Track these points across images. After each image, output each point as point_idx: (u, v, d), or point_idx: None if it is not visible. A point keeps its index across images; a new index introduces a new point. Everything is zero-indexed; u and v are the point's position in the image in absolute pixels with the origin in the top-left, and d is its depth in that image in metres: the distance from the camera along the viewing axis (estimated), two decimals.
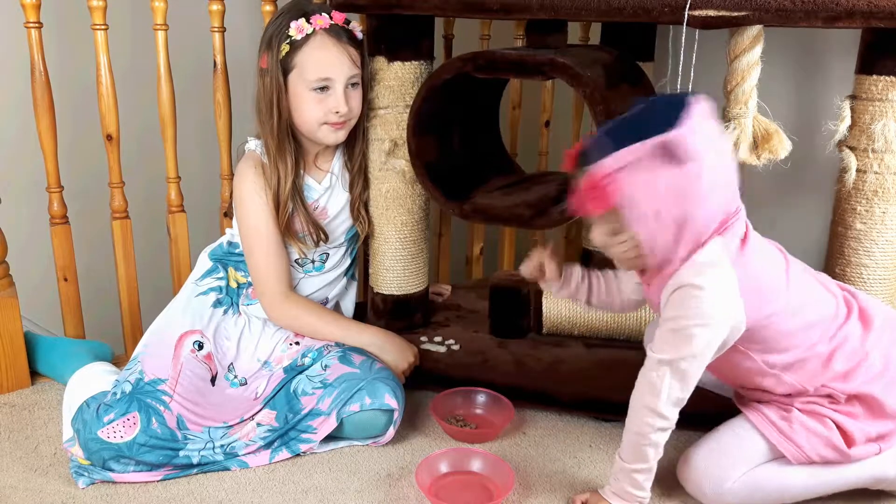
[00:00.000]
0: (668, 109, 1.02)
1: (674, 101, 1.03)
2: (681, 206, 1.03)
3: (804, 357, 1.15)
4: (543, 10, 1.30)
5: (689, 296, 1.08)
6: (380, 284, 1.62)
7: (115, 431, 1.29)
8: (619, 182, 1.02)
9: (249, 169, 1.45)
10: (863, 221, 1.36)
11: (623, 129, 1.04)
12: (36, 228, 1.73)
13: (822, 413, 1.18)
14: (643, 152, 1.00)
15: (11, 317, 1.54)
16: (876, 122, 1.31)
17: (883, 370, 1.17)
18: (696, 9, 1.18)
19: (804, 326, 1.15)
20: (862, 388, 1.16)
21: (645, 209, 1.04)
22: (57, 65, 1.58)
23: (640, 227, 1.05)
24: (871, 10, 1.15)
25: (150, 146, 1.79)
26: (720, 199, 1.07)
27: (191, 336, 1.42)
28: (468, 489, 1.28)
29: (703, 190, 1.03)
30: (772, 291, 1.12)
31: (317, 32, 1.37)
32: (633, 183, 1.02)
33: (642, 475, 1.16)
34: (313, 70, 1.38)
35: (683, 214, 1.04)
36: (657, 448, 1.15)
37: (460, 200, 1.44)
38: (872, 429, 1.17)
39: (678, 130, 0.99)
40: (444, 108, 1.43)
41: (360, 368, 1.40)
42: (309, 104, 1.40)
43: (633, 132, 1.02)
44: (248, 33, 1.82)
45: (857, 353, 1.16)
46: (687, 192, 1.03)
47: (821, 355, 1.15)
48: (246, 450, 1.34)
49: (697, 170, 1.01)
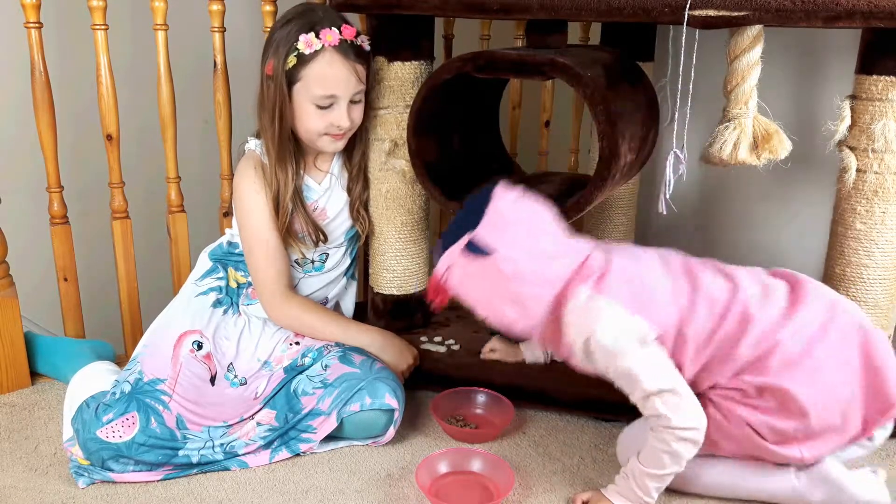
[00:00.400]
0: (473, 209, 1.16)
1: (478, 200, 1.16)
2: (505, 288, 1.15)
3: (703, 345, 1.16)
4: (543, 10, 1.30)
5: (595, 346, 1.14)
6: (380, 284, 1.62)
7: (113, 431, 1.29)
8: (450, 280, 1.16)
9: (249, 169, 1.45)
10: (863, 221, 1.36)
11: (449, 232, 1.18)
12: (36, 228, 1.73)
13: (730, 407, 1.17)
14: (457, 254, 1.14)
15: (11, 317, 1.54)
16: (876, 122, 1.31)
17: (798, 361, 1.14)
18: (696, 9, 1.18)
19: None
20: (772, 380, 1.14)
21: (477, 298, 1.17)
22: (57, 65, 1.59)
23: (481, 311, 1.18)
24: (871, 10, 1.15)
25: (150, 146, 1.79)
26: (545, 267, 1.15)
27: (190, 336, 1.42)
28: (468, 489, 1.28)
29: (519, 270, 1.14)
30: (662, 299, 1.16)
31: (325, 49, 1.35)
32: (458, 280, 1.15)
33: (653, 481, 1.16)
34: (318, 87, 1.37)
35: (513, 294, 1.15)
36: (675, 458, 1.14)
37: (460, 200, 1.43)
38: (786, 426, 1.15)
39: (479, 228, 1.13)
40: (444, 108, 1.43)
41: (360, 368, 1.40)
42: (311, 116, 1.40)
43: (453, 235, 1.16)
44: (248, 33, 1.82)
45: (767, 340, 1.14)
46: (505, 277, 1.14)
47: (720, 341, 1.15)
48: (245, 449, 1.34)
49: (505, 255, 1.13)
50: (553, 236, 1.18)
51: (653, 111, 1.46)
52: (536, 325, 1.18)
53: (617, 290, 1.14)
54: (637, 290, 1.16)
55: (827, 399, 1.14)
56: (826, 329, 1.16)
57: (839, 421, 1.15)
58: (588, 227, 1.87)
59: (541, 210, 1.18)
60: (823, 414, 1.14)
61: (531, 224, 1.17)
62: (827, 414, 1.14)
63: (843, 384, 1.15)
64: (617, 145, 1.26)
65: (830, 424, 1.15)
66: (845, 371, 1.15)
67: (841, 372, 1.15)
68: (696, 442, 1.14)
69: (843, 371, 1.15)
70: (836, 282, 1.41)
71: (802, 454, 1.16)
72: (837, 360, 1.15)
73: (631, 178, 1.61)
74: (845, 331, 1.17)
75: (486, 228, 1.13)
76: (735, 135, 1.25)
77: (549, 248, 1.16)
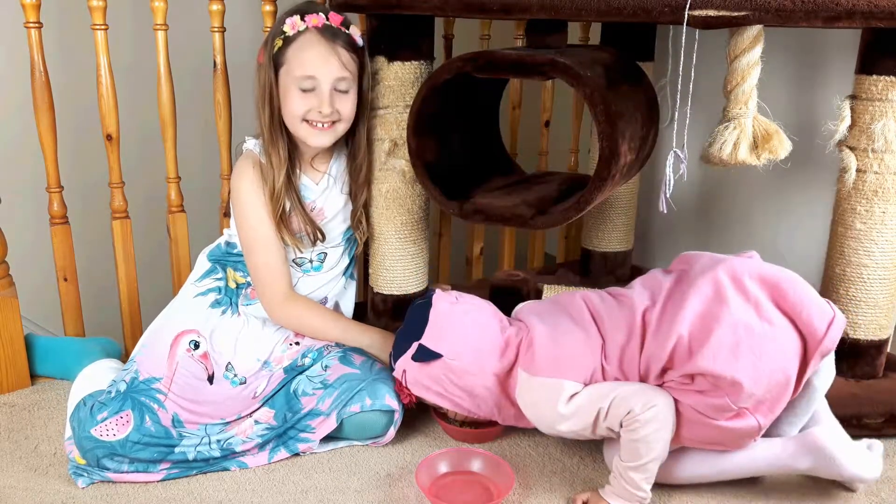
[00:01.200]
0: (416, 319, 1.31)
1: (419, 310, 1.32)
2: (455, 383, 1.28)
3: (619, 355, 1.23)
4: (543, 10, 1.30)
5: (547, 413, 1.24)
6: (380, 284, 1.62)
7: (107, 430, 1.29)
8: (407, 382, 1.31)
9: (248, 168, 1.45)
10: (863, 221, 1.36)
11: (399, 340, 1.33)
12: (36, 228, 1.73)
13: (677, 396, 1.18)
14: (408, 362, 1.29)
15: (11, 317, 1.54)
16: (876, 122, 1.31)
17: (704, 341, 1.14)
18: (696, 9, 1.18)
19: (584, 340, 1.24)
20: (689, 367, 1.14)
21: (436, 392, 1.30)
22: (57, 65, 1.58)
23: (441, 403, 1.32)
24: (871, 10, 1.15)
25: (150, 146, 1.79)
26: (483, 358, 1.27)
27: (187, 335, 1.42)
28: (468, 489, 1.28)
29: (464, 365, 1.27)
30: (581, 354, 1.23)
31: (309, 30, 1.36)
32: (413, 381, 1.30)
33: (637, 473, 1.18)
34: (299, 67, 1.37)
35: (462, 386, 1.28)
36: (647, 444, 1.17)
37: (460, 200, 1.43)
38: (724, 402, 1.14)
39: (424, 337, 1.28)
40: (444, 108, 1.43)
41: (360, 369, 1.40)
42: (293, 100, 1.39)
43: (402, 344, 1.31)
44: (248, 33, 1.82)
45: (668, 339, 1.16)
46: (454, 372, 1.27)
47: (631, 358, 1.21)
48: (242, 447, 1.34)
49: (450, 355, 1.27)
50: (489, 331, 1.30)
51: (653, 111, 1.46)
52: (492, 409, 1.31)
53: (547, 366, 1.23)
54: (560, 357, 1.23)
55: (756, 363, 1.13)
56: (722, 300, 1.16)
57: (781, 377, 1.14)
58: (588, 226, 1.88)
59: (476, 309, 1.33)
60: (759, 378, 1.13)
61: (468, 324, 1.30)
62: (762, 376, 1.14)
63: (767, 342, 1.14)
64: (617, 145, 1.26)
65: (774, 383, 1.14)
66: (763, 329, 1.15)
67: (758, 332, 1.14)
68: (659, 420, 1.16)
69: (760, 330, 1.14)
70: (836, 282, 1.41)
71: (759, 422, 1.16)
72: (748, 323, 1.15)
73: (631, 178, 1.61)
74: (746, 291, 1.17)
75: (430, 335, 1.28)
76: (735, 135, 1.25)
77: (485, 342, 1.28)
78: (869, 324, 1.41)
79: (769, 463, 1.24)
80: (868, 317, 1.41)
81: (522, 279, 1.62)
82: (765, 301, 1.17)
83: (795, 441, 1.23)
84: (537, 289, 1.62)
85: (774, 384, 1.14)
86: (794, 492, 1.29)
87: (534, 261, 2.22)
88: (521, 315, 1.35)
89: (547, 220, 1.38)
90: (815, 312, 1.15)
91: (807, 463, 1.23)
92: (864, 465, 1.22)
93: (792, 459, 1.23)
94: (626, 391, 1.19)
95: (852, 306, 1.40)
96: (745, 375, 1.13)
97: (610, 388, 1.20)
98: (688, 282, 1.21)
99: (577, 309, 1.29)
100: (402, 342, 1.31)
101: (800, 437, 1.23)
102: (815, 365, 1.16)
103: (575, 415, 1.21)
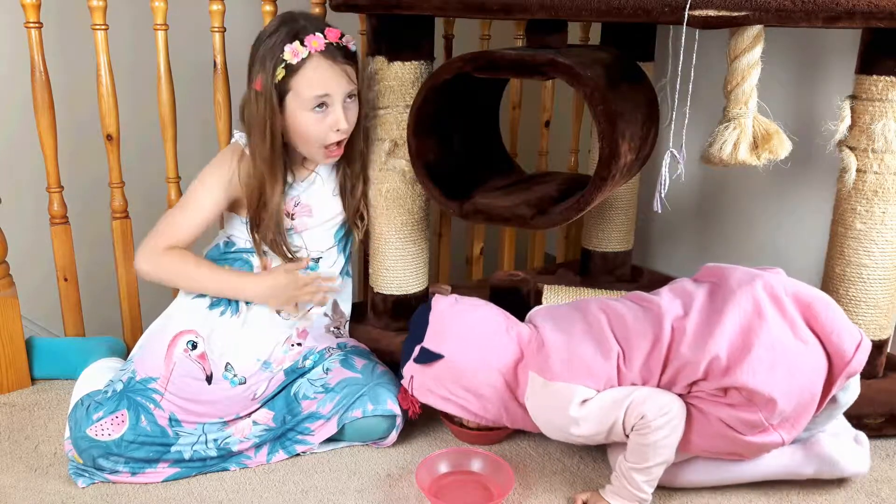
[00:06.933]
0: (418, 323, 1.31)
1: (420, 314, 1.32)
2: (461, 382, 1.27)
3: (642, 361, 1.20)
4: (543, 10, 1.30)
5: (557, 417, 1.23)
6: (380, 284, 1.62)
7: (102, 429, 1.29)
8: (414, 389, 1.30)
9: (227, 155, 1.43)
10: (863, 221, 1.36)
11: (403, 348, 1.33)
12: (36, 228, 1.73)
13: (704, 407, 1.18)
14: (413, 367, 1.29)
15: (11, 317, 1.54)
16: (876, 123, 1.31)
17: (742, 358, 1.14)
18: (696, 9, 1.18)
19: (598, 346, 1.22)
20: (727, 381, 1.14)
21: (443, 396, 1.29)
22: (57, 65, 1.58)
23: (447, 408, 1.30)
24: (871, 10, 1.15)
25: (150, 146, 1.79)
26: (489, 355, 1.27)
27: (185, 336, 1.42)
28: (468, 489, 1.28)
29: (468, 362, 1.26)
30: (594, 361, 1.21)
31: (312, 56, 1.33)
32: (419, 387, 1.30)
33: (641, 475, 1.18)
34: (308, 89, 1.34)
35: (467, 386, 1.27)
36: (655, 448, 1.16)
37: (460, 200, 1.43)
38: (756, 418, 1.14)
39: (426, 339, 1.28)
40: (444, 108, 1.43)
41: (362, 373, 1.41)
42: (309, 124, 1.37)
43: (407, 350, 1.31)
44: (248, 33, 1.82)
45: (703, 354, 1.15)
46: (458, 371, 1.27)
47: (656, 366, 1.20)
48: (239, 446, 1.34)
49: (453, 353, 1.26)
50: (491, 326, 1.30)
51: (653, 111, 1.46)
52: (500, 411, 1.29)
53: (561, 372, 1.21)
54: (574, 363, 1.22)
55: (790, 381, 1.14)
56: (762, 316, 1.15)
57: (808, 396, 1.15)
58: (588, 227, 1.87)
59: (476, 307, 1.32)
60: (791, 395, 1.14)
61: (469, 322, 1.30)
62: (794, 394, 1.14)
63: (801, 361, 1.15)
64: (617, 145, 1.26)
65: (802, 402, 1.15)
66: (798, 348, 1.15)
67: (794, 350, 1.15)
68: (671, 426, 1.16)
69: (795, 349, 1.15)
70: (837, 282, 1.41)
71: (783, 438, 1.17)
72: (785, 341, 1.15)
73: (631, 177, 1.61)
74: (784, 309, 1.17)
75: (431, 336, 1.28)
76: (735, 135, 1.25)
77: (487, 339, 1.28)
78: (869, 324, 1.41)
79: (776, 471, 1.26)
80: (868, 317, 1.41)
81: (522, 279, 1.62)
82: (799, 320, 1.17)
83: (803, 450, 1.25)
84: (537, 289, 1.62)
85: (802, 402, 1.15)
86: (794, 491, 1.29)
87: (534, 261, 2.22)
88: (535, 319, 1.33)
89: (547, 220, 1.38)
90: (846, 335, 1.16)
91: (812, 469, 1.26)
92: (860, 463, 1.27)
93: (798, 467, 1.26)
94: (640, 396, 1.18)
95: (852, 306, 1.40)
96: (780, 393, 1.13)
97: (624, 395, 1.19)
98: (724, 295, 1.19)
99: (594, 316, 1.26)
100: (406, 348, 1.31)
101: (808, 447, 1.25)
102: (839, 385, 1.17)
103: (587, 419, 1.20)
